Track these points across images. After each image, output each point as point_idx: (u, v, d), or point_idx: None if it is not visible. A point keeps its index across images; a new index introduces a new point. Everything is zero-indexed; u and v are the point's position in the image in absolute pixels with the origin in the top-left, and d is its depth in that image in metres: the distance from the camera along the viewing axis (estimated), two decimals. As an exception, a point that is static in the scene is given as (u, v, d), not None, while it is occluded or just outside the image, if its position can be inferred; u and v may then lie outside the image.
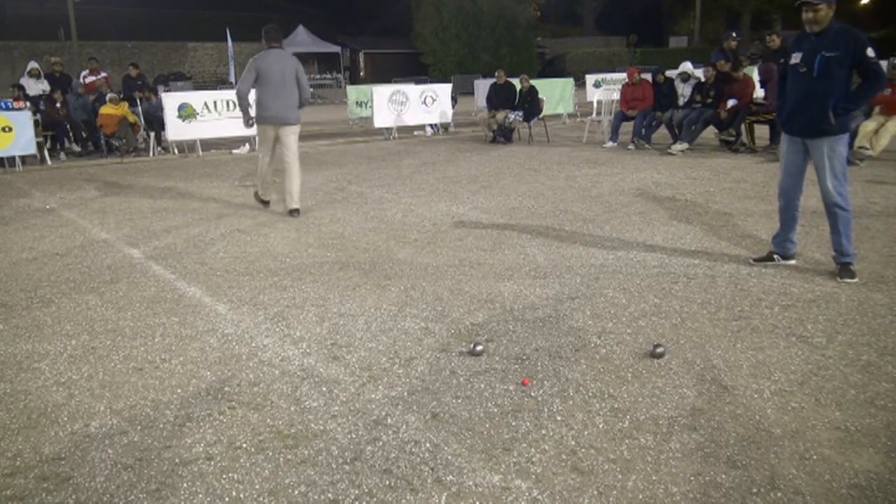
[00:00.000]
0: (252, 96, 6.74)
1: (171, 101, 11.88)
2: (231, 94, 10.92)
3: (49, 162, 11.19)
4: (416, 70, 35.85)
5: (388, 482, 2.36)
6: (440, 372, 3.19)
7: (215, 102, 11.99)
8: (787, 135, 4.50)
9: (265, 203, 7.22)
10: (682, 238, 5.46)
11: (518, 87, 12.68)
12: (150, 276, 4.88)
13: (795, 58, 4.35)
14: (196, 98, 12.22)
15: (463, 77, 31.09)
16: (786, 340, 3.43)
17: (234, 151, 12.30)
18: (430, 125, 14.63)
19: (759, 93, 10.45)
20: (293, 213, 6.86)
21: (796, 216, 4.55)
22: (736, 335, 3.51)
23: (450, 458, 2.49)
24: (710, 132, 10.73)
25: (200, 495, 2.32)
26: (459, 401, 2.91)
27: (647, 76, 11.56)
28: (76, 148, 12.37)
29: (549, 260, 4.96)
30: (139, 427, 2.77)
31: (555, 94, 16.22)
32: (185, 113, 11.87)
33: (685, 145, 10.28)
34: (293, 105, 6.71)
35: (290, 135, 6.74)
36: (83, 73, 13.39)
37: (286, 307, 4.14)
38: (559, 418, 2.75)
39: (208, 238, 5.94)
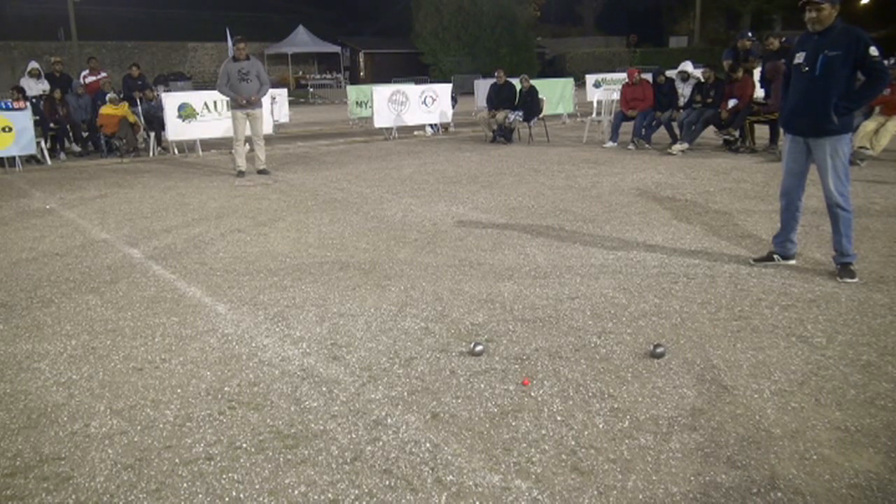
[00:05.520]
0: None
1: (171, 101, 11.88)
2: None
3: (49, 162, 11.19)
4: (416, 70, 35.83)
5: (388, 482, 2.36)
6: (440, 372, 3.19)
7: (215, 102, 11.97)
8: (790, 134, 4.50)
9: (242, 174, 9.42)
10: (682, 238, 5.46)
11: (518, 87, 12.68)
12: (150, 276, 4.88)
13: (799, 57, 4.35)
14: (196, 98, 12.21)
15: (463, 77, 31.09)
16: (786, 340, 3.43)
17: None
18: (430, 125, 14.62)
19: (759, 93, 10.45)
20: (261, 172, 9.55)
21: (797, 217, 4.55)
22: (736, 335, 3.51)
23: (450, 458, 2.49)
24: (710, 132, 10.73)
25: (200, 495, 2.32)
26: (459, 401, 2.91)
27: (648, 76, 11.56)
28: (76, 148, 12.36)
29: (549, 260, 4.96)
30: (139, 427, 2.77)
31: (555, 94, 16.22)
32: (185, 113, 11.87)
33: (685, 145, 10.28)
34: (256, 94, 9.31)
35: (257, 116, 9.35)
36: (83, 73, 13.39)
37: (286, 307, 4.14)
38: (559, 418, 2.75)
39: (208, 238, 5.94)
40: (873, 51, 4.08)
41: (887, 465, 2.38)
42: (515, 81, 12.85)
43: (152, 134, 12.17)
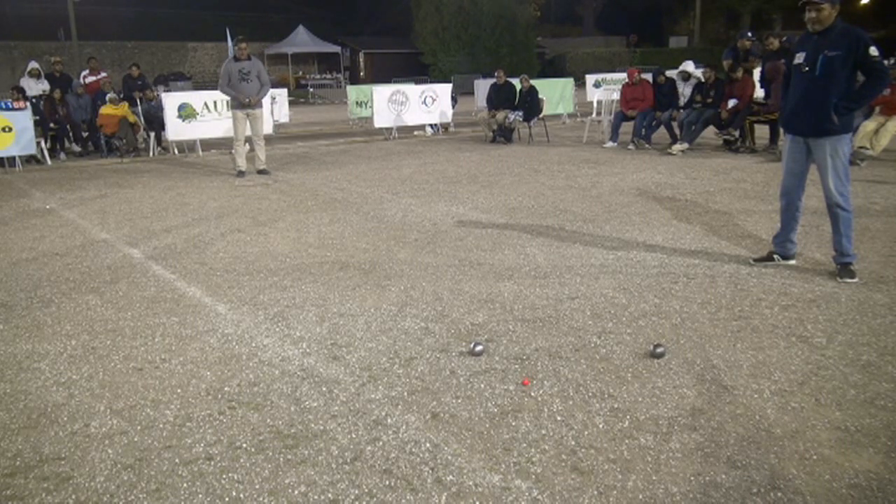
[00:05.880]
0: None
1: (171, 101, 11.88)
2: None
3: (49, 162, 11.19)
4: (416, 70, 35.83)
5: (388, 482, 2.36)
6: (440, 372, 3.19)
7: (215, 102, 11.98)
8: (790, 135, 4.51)
9: (242, 174, 9.41)
10: (682, 238, 5.46)
11: (518, 87, 12.68)
12: (150, 276, 4.88)
13: (799, 57, 4.35)
14: (196, 98, 12.22)
15: (463, 77, 31.09)
16: (786, 340, 3.43)
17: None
18: (430, 125, 14.62)
19: (759, 93, 10.45)
20: (261, 172, 9.54)
21: (797, 216, 4.55)
22: (736, 335, 3.51)
23: (450, 458, 2.49)
24: (710, 132, 10.73)
25: (200, 495, 2.32)
26: (459, 401, 2.91)
27: (648, 76, 11.57)
28: (76, 148, 12.36)
29: (549, 260, 4.96)
30: (139, 427, 2.77)
31: (555, 94, 16.22)
32: (185, 113, 11.88)
33: (685, 145, 10.28)
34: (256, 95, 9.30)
35: (258, 116, 9.35)
36: (83, 73, 13.39)
37: (286, 307, 4.14)
38: (559, 418, 2.75)
39: (208, 238, 5.94)
40: (873, 51, 4.08)
41: (887, 465, 2.38)
42: (515, 81, 12.85)
43: (152, 134, 12.17)
